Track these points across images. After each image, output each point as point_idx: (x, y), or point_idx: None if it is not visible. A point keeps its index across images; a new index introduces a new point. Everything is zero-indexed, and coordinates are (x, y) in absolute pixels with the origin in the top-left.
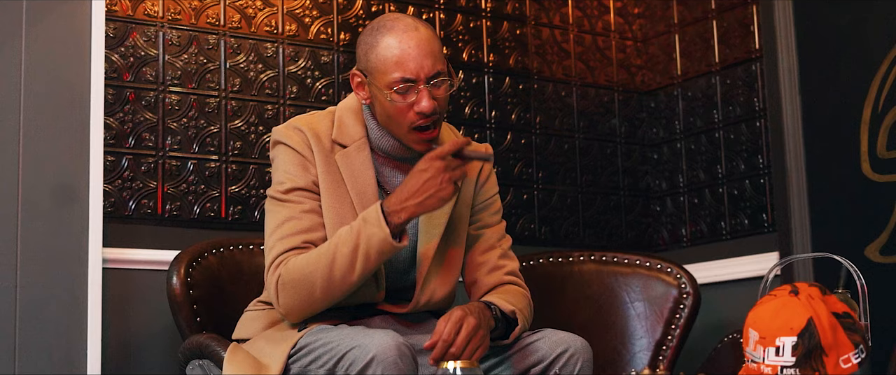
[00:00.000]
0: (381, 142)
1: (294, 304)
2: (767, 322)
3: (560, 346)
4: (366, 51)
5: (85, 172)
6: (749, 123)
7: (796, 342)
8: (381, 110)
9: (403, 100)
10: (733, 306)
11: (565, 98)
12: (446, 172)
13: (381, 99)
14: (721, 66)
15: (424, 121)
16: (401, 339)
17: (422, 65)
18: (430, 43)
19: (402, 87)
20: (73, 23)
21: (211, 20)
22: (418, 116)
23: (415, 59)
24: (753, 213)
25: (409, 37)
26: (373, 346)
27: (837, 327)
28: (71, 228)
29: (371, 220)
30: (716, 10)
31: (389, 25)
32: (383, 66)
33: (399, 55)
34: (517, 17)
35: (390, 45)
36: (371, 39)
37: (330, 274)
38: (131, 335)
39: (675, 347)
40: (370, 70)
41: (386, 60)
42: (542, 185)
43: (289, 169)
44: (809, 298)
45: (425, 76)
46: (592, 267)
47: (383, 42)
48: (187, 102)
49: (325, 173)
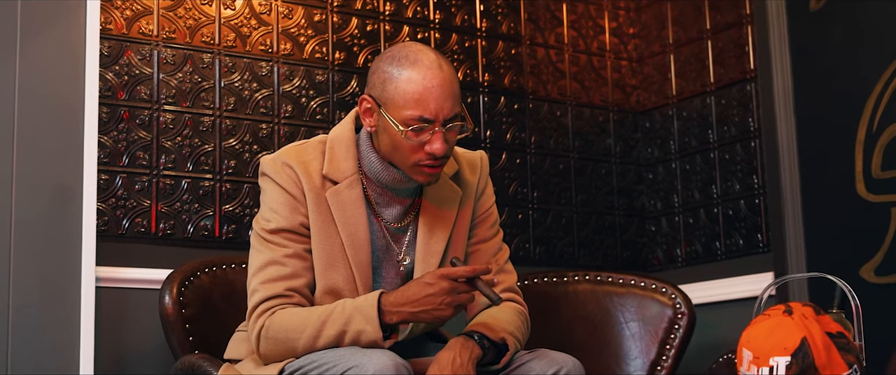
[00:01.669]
0: (382, 176)
1: (274, 356)
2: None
3: (553, 366)
4: (384, 79)
5: (79, 190)
6: (744, 143)
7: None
8: (388, 141)
9: (416, 137)
10: (728, 326)
11: (560, 118)
12: (450, 295)
13: (391, 131)
14: (716, 86)
15: (432, 162)
16: (400, 359)
17: (442, 106)
18: (453, 84)
19: (417, 127)
20: (68, 41)
21: (206, 39)
22: (427, 156)
23: (436, 100)
24: (748, 233)
25: (434, 75)
26: (371, 366)
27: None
28: (64, 246)
29: (365, 316)
30: (711, 31)
31: (413, 58)
32: (402, 101)
33: (421, 93)
34: (512, 37)
35: (413, 80)
36: (391, 69)
37: (313, 346)
38: (124, 353)
39: (670, 367)
40: (385, 100)
41: (405, 95)
42: (537, 205)
43: (276, 208)
44: (803, 318)
45: (443, 118)
46: (587, 287)
47: (405, 75)
48: (182, 121)
49: (316, 212)
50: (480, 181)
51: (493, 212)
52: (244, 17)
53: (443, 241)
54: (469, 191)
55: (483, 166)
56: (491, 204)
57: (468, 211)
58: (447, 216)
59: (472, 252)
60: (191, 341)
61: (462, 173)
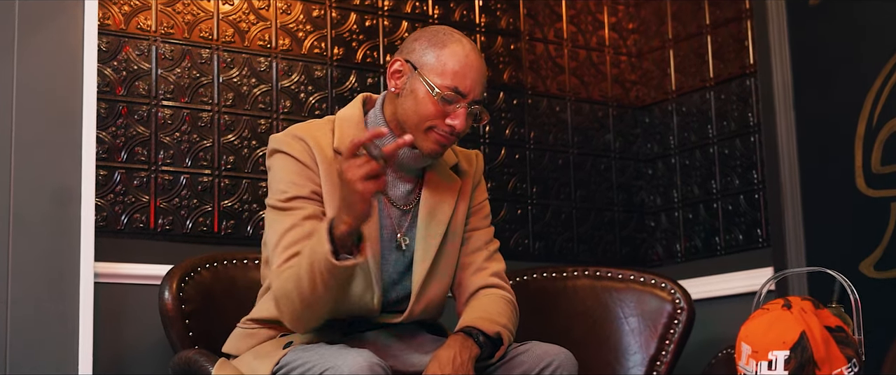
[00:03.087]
0: None
1: (287, 316)
2: (760, 336)
3: (545, 359)
4: (426, 47)
5: (77, 186)
6: (743, 138)
7: (789, 356)
8: (411, 104)
9: (445, 106)
10: (728, 321)
11: (559, 113)
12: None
13: (419, 94)
14: (715, 82)
15: (447, 135)
16: (375, 359)
17: (476, 85)
18: (485, 72)
19: (450, 95)
20: (66, 37)
21: (204, 34)
22: (447, 127)
23: (473, 79)
24: (748, 228)
25: (476, 57)
26: (346, 367)
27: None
28: (63, 242)
29: (317, 236)
30: (710, 26)
31: (457, 38)
32: (441, 69)
33: (463, 67)
34: (512, 33)
35: (457, 54)
36: (435, 40)
37: (301, 291)
38: (123, 350)
39: (670, 363)
40: (424, 64)
41: (447, 65)
42: (537, 201)
43: (291, 177)
44: (802, 312)
45: (473, 97)
46: (586, 283)
47: (451, 48)
48: (180, 116)
49: (328, 182)
50: (476, 175)
51: (485, 206)
52: (242, 13)
53: (443, 225)
54: (467, 183)
55: (478, 162)
56: (484, 199)
57: (465, 202)
58: (447, 202)
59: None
60: (191, 336)
61: (460, 165)
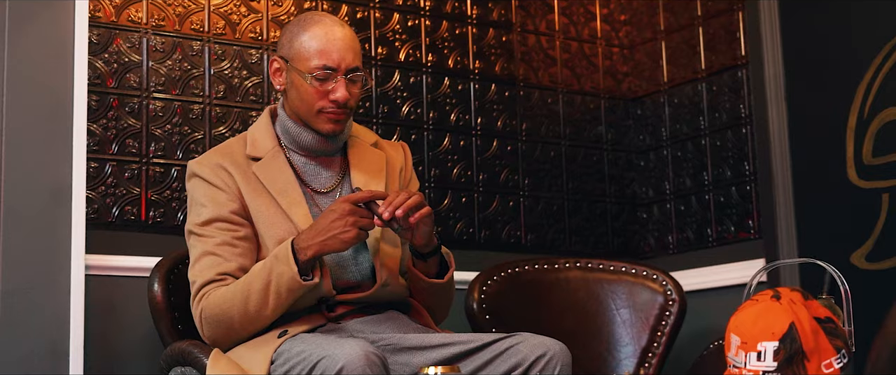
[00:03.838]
0: (300, 138)
1: (217, 336)
2: (749, 326)
3: (539, 350)
4: (291, 38)
5: (68, 178)
6: (735, 130)
7: (778, 347)
8: (296, 95)
9: (321, 86)
10: (719, 313)
11: (551, 105)
12: (351, 216)
13: (298, 83)
14: (707, 73)
15: (336, 110)
16: (370, 348)
17: (343, 57)
18: (353, 41)
19: (321, 74)
20: (56, 29)
21: (195, 26)
22: (332, 104)
23: (338, 51)
24: (740, 220)
25: (335, 32)
26: (342, 356)
27: (819, 332)
28: (54, 234)
29: (281, 258)
30: (702, 17)
31: (317, 19)
32: (307, 53)
33: (325, 44)
34: (503, 24)
35: (317, 35)
36: (297, 29)
37: (245, 310)
38: (114, 341)
39: (661, 354)
40: (292, 56)
41: (310, 49)
42: (528, 192)
43: (204, 201)
44: (791, 303)
45: (345, 67)
46: (578, 274)
47: (310, 32)
48: (171, 109)
49: (249, 191)
50: (407, 166)
51: None
52: (234, 5)
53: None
54: (394, 161)
55: (407, 152)
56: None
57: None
58: (377, 171)
59: None
60: (179, 329)
61: (381, 145)
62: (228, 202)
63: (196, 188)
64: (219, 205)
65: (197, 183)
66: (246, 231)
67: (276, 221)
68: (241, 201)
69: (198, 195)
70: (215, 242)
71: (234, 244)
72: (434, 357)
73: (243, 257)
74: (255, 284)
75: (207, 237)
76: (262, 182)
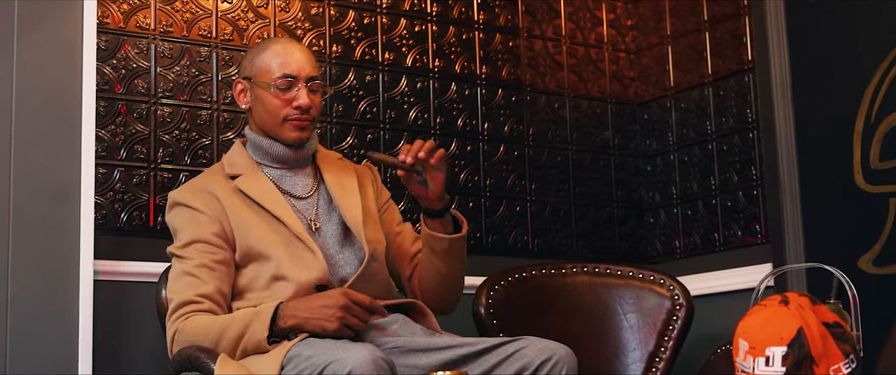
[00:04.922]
0: (272, 150)
1: None
2: (757, 331)
3: (545, 353)
4: (252, 59)
5: (76, 184)
6: (742, 134)
7: (786, 352)
8: (262, 108)
9: (284, 94)
10: (727, 317)
11: (558, 110)
12: (342, 311)
13: (262, 96)
14: (714, 78)
15: (300, 117)
16: (378, 352)
17: (303, 67)
18: (310, 54)
19: (284, 82)
20: (65, 35)
21: (203, 32)
22: (296, 110)
23: (297, 62)
24: (747, 224)
25: (292, 46)
26: (350, 361)
27: (827, 337)
28: (62, 240)
29: (261, 317)
30: (708, 22)
31: (274, 40)
32: (268, 67)
33: (284, 56)
34: (510, 29)
35: (277, 51)
36: (257, 50)
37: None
38: (122, 346)
39: (669, 359)
40: (255, 72)
41: (271, 62)
42: (535, 197)
43: (184, 225)
44: (799, 308)
45: (305, 76)
46: (585, 279)
47: (270, 50)
48: (179, 114)
49: (233, 201)
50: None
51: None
52: (241, 11)
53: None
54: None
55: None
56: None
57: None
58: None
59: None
60: None
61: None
62: (209, 224)
63: (177, 215)
64: (199, 227)
65: (178, 210)
66: (225, 255)
67: (264, 223)
68: (222, 224)
69: (178, 221)
70: (194, 264)
71: (212, 267)
72: (441, 359)
73: (220, 281)
74: (230, 331)
75: (187, 259)
76: (245, 193)
